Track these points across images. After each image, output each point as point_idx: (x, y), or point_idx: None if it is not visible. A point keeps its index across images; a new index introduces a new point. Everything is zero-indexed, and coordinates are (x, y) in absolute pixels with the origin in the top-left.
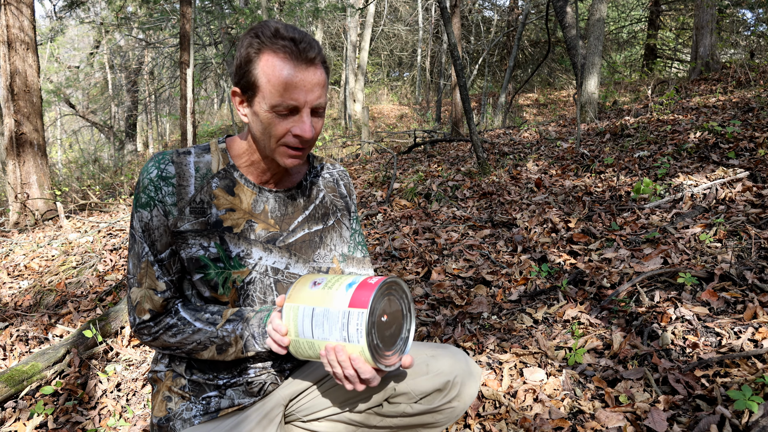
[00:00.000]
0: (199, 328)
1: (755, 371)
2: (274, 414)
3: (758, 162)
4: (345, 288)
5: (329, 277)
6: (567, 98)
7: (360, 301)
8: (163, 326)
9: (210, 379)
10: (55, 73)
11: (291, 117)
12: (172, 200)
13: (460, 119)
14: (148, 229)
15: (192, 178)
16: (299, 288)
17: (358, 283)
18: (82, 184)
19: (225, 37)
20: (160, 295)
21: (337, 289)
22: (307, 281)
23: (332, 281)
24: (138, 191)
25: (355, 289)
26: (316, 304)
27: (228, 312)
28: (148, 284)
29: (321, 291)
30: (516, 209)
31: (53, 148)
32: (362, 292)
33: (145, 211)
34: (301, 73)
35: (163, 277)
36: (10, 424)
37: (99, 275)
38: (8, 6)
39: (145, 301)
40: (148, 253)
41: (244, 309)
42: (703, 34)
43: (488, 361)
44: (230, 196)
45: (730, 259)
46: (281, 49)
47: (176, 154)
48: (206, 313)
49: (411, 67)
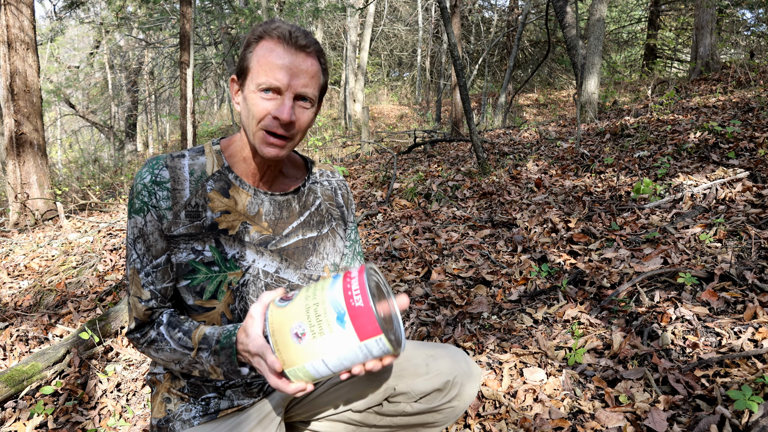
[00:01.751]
0: (174, 349)
1: (755, 371)
2: (274, 414)
3: (758, 162)
4: (338, 325)
5: (303, 319)
6: (567, 98)
7: (369, 330)
8: (147, 340)
9: (208, 381)
10: (55, 73)
11: (274, 100)
12: (167, 204)
13: (460, 119)
14: (143, 235)
15: (186, 181)
16: (284, 348)
17: (345, 311)
18: (82, 184)
19: (225, 37)
20: (143, 303)
21: (331, 332)
22: (285, 337)
23: (315, 324)
24: (132, 197)
25: (352, 322)
26: (322, 355)
27: (195, 336)
28: (133, 292)
29: (313, 342)
30: (516, 209)
31: (53, 148)
32: (362, 321)
33: (139, 216)
34: (290, 55)
35: (149, 285)
36: (10, 424)
37: (99, 275)
38: (8, 6)
39: (131, 309)
40: (135, 260)
41: (209, 335)
42: (703, 34)
43: (488, 361)
44: (225, 198)
45: (730, 259)
46: (277, 36)
47: (170, 158)
48: (179, 331)
49: (411, 67)
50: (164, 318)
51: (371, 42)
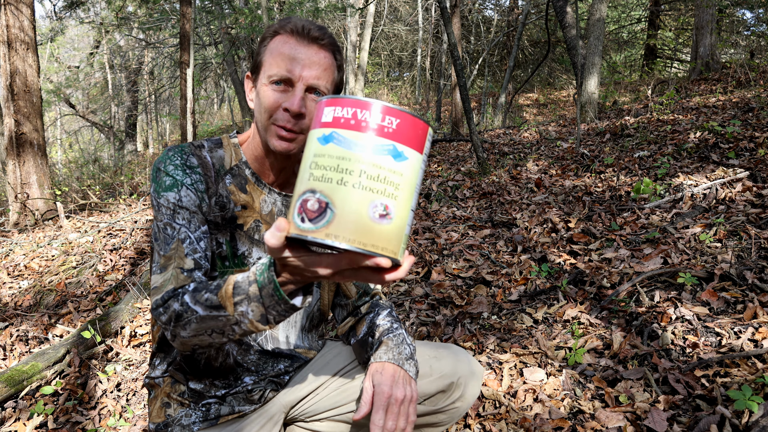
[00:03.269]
0: (204, 315)
1: (755, 371)
2: (276, 420)
3: (758, 162)
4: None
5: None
6: (567, 98)
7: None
8: (172, 315)
9: (207, 389)
10: (55, 73)
11: (285, 92)
12: (203, 187)
13: (460, 119)
14: (182, 207)
15: (212, 170)
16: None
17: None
18: (82, 184)
19: (225, 37)
20: (186, 273)
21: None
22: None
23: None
24: (159, 177)
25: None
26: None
27: (225, 290)
28: (175, 264)
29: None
30: (516, 209)
31: (53, 148)
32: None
33: (172, 192)
34: (303, 47)
35: (193, 253)
36: (10, 424)
37: (99, 275)
38: (8, 6)
39: (168, 284)
40: (179, 230)
41: (241, 282)
42: (703, 34)
43: (488, 361)
44: (243, 194)
45: (730, 259)
46: (290, 29)
47: (193, 147)
48: (206, 292)
49: (411, 67)
50: (190, 287)
51: (371, 42)
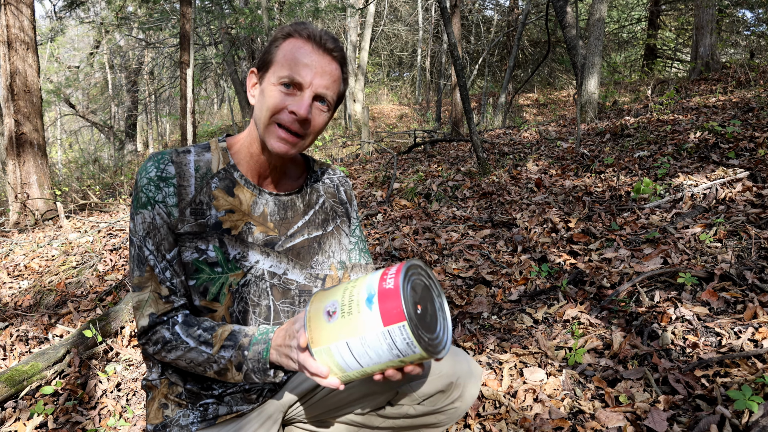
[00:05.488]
0: (192, 347)
1: (755, 371)
2: (275, 419)
3: (758, 162)
4: (366, 306)
5: (338, 297)
6: (567, 98)
7: (393, 315)
8: (160, 340)
9: (205, 389)
10: (55, 73)
11: (293, 96)
12: (173, 201)
13: (460, 119)
14: (153, 229)
15: (192, 178)
16: (315, 325)
17: (375, 292)
18: (82, 184)
19: (225, 37)
20: (164, 299)
21: (359, 313)
22: (318, 315)
23: (346, 304)
24: (137, 192)
25: (379, 303)
26: (346, 337)
27: (221, 333)
28: (152, 288)
29: (341, 321)
30: (516, 209)
31: (53, 148)
32: (388, 304)
33: (146, 210)
34: (317, 55)
35: (167, 281)
36: (10, 424)
37: (99, 275)
38: (8, 6)
39: (146, 306)
40: (149, 257)
41: (237, 332)
42: (703, 34)
43: (488, 361)
44: (230, 197)
45: (730, 259)
46: (306, 35)
47: (176, 154)
48: (198, 329)
49: (411, 67)
50: (179, 318)
51: (371, 42)
